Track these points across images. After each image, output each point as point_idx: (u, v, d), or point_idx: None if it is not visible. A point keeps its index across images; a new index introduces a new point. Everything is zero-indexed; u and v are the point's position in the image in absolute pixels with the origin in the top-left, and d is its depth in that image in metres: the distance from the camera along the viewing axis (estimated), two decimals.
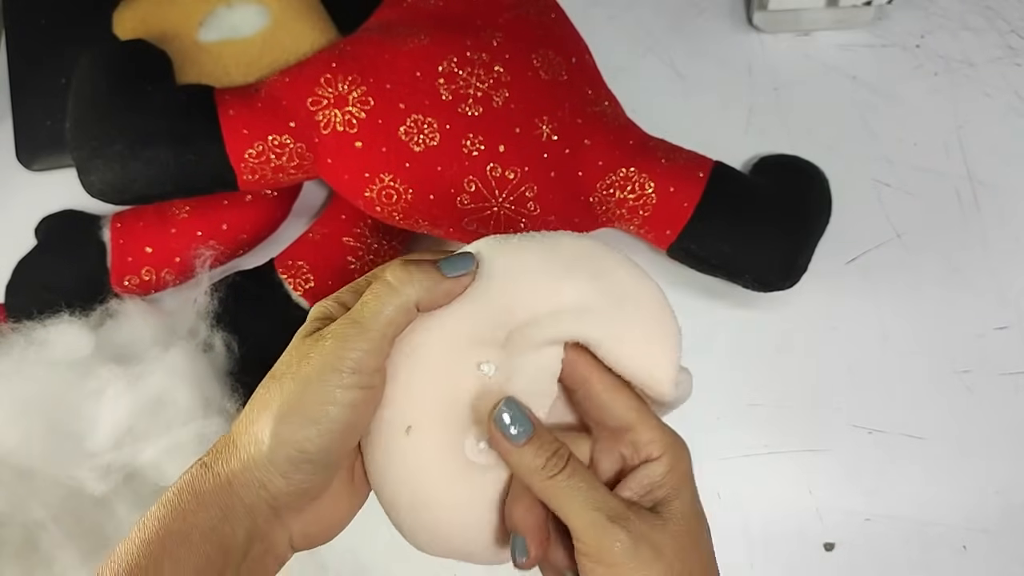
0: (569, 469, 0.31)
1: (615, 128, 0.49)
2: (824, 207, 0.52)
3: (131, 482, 0.46)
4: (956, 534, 0.49)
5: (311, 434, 0.29)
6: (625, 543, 0.30)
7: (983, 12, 0.61)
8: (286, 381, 0.30)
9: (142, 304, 0.50)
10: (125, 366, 0.46)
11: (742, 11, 0.61)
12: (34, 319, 0.48)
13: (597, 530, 0.30)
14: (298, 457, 0.29)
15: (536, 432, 0.31)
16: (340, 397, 0.29)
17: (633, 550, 0.30)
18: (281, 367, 0.31)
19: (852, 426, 0.52)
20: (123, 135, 0.45)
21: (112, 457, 0.45)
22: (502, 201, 0.46)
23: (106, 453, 0.45)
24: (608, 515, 0.30)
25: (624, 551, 0.30)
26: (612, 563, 0.30)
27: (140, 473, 0.45)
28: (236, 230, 0.51)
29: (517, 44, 0.47)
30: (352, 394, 0.29)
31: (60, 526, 0.44)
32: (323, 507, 0.32)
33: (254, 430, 0.29)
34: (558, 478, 0.31)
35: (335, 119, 0.46)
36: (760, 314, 0.54)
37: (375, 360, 0.30)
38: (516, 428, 0.31)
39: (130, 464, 0.45)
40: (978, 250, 0.55)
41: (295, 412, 0.29)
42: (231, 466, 0.29)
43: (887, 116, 0.58)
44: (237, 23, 0.53)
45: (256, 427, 0.29)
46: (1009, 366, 0.53)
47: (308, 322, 0.32)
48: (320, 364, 0.29)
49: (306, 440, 0.29)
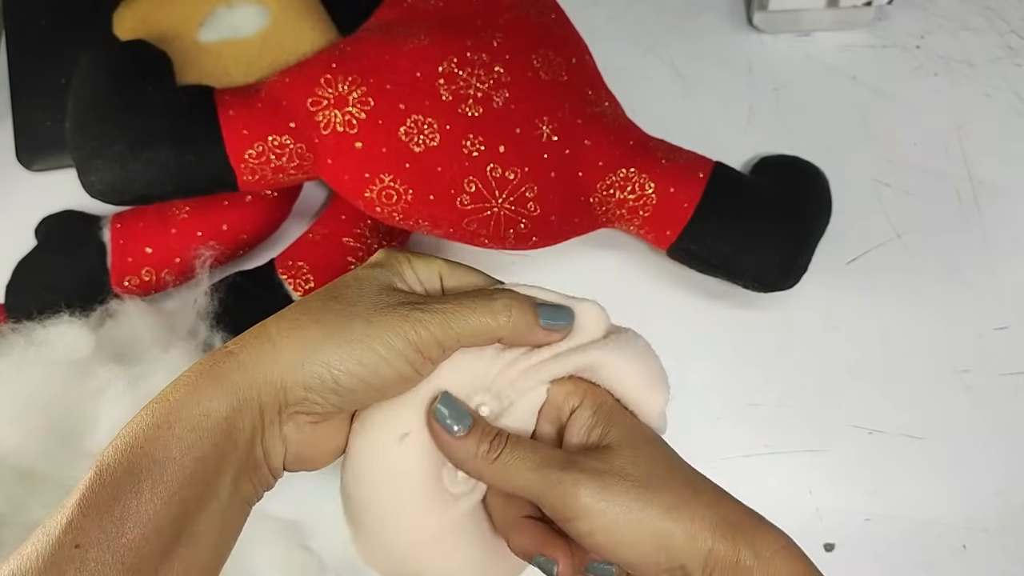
0: (510, 445, 0.32)
1: (615, 128, 0.49)
2: (824, 207, 0.52)
3: None
4: (956, 534, 0.49)
5: (353, 373, 0.29)
6: (587, 483, 0.30)
7: (983, 12, 0.61)
8: (357, 313, 0.30)
9: (142, 304, 0.50)
10: (125, 366, 0.46)
11: (742, 11, 0.61)
12: (34, 319, 0.48)
13: (554, 485, 0.30)
14: (330, 383, 0.29)
15: (475, 423, 0.32)
16: (396, 363, 0.30)
17: (599, 486, 0.30)
18: (352, 294, 0.31)
19: (852, 426, 0.52)
20: (123, 135, 0.45)
21: None
22: (502, 202, 0.46)
23: None
24: (558, 466, 0.30)
25: (590, 491, 0.30)
26: (586, 508, 0.30)
27: None
28: (236, 231, 0.51)
29: (517, 44, 0.47)
30: (406, 368, 0.30)
31: None
32: (321, 434, 0.32)
33: (301, 337, 0.29)
34: (502, 456, 0.31)
35: (335, 119, 0.46)
36: (760, 314, 0.54)
37: (441, 356, 0.32)
38: (457, 424, 0.32)
39: None
40: (978, 250, 0.55)
41: (351, 348, 0.29)
42: (262, 360, 0.29)
43: (887, 116, 0.58)
44: (237, 23, 0.53)
45: (305, 336, 0.29)
46: (1009, 366, 0.53)
47: (387, 262, 0.33)
48: (396, 325, 0.30)
49: (345, 375, 0.29)
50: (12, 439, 0.45)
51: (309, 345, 0.29)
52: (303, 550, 0.47)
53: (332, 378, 0.29)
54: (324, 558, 0.47)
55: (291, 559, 0.47)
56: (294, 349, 0.29)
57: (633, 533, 0.30)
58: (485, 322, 0.31)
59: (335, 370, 0.29)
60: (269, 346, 0.29)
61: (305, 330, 0.29)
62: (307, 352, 0.29)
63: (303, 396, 0.30)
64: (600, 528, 0.30)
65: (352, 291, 0.31)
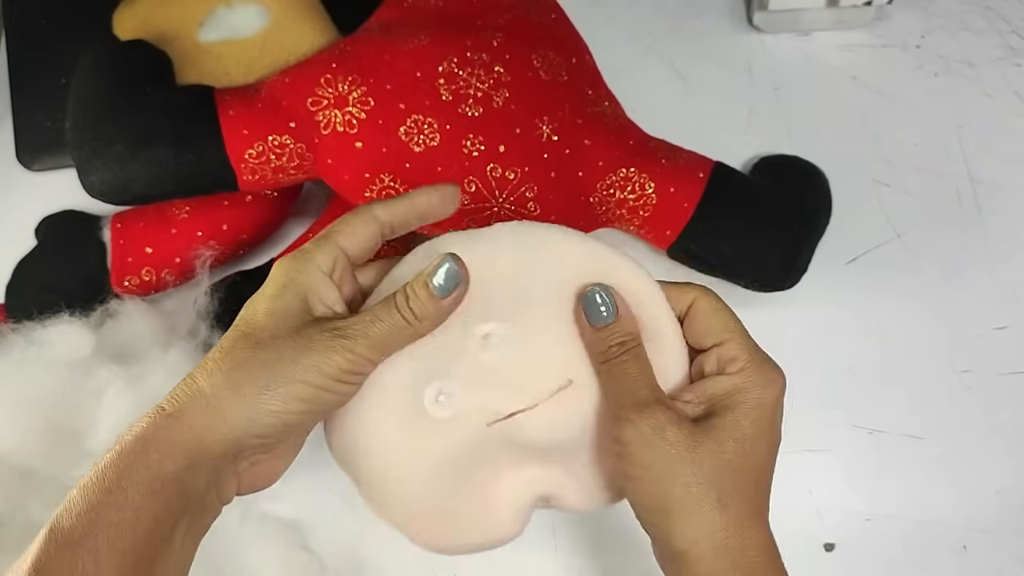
0: (627, 355, 0.33)
1: (615, 128, 0.49)
2: (824, 207, 0.52)
3: None
4: (956, 534, 0.49)
5: (298, 410, 0.31)
6: (639, 429, 0.31)
7: (983, 12, 0.61)
8: (284, 355, 0.30)
9: (142, 304, 0.50)
10: (125, 366, 0.46)
11: (742, 11, 0.61)
12: (34, 319, 0.48)
13: (620, 411, 0.32)
14: (279, 426, 0.31)
15: (619, 318, 0.33)
16: (335, 389, 0.31)
17: (641, 439, 0.31)
18: (270, 337, 0.31)
19: (852, 426, 0.52)
20: (123, 135, 0.45)
21: None
22: (502, 201, 0.46)
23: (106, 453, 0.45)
24: (635, 401, 0.32)
25: (633, 437, 0.31)
26: (624, 444, 0.32)
27: None
28: (236, 230, 0.51)
29: (517, 44, 0.47)
30: (346, 388, 0.32)
31: None
32: (272, 460, 0.33)
33: (240, 395, 0.30)
34: (614, 360, 0.33)
35: (335, 119, 0.46)
36: (760, 314, 0.54)
37: (373, 367, 0.33)
38: (605, 309, 0.33)
39: None
40: (978, 250, 0.55)
41: (289, 391, 0.30)
42: (208, 424, 0.30)
43: (887, 116, 0.58)
44: (237, 23, 0.53)
45: (244, 392, 0.30)
46: (1009, 366, 0.53)
47: (290, 282, 0.32)
48: (324, 358, 0.31)
49: (292, 414, 0.31)
50: (12, 439, 0.45)
51: (249, 401, 0.30)
52: (303, 550, 0.47)
53: (280, 421, 0.30)
54: (324, 558, 0.48)
55: (291, 559, 0.47)
56: (236, 407, 0.30)
57: (659, 501, 0.31)
58: (403, 326, 0.32)
59: (281, 415, 0.30)
60: (211, 408, 0.30)
61: (242, 387, 0.30)
62: (250, 406, 0.30)
63: (255, 443, 0.31)
64: (629, 469, 0.32)
65: (269, 332, 0.31)
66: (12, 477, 0.45)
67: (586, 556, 0.49)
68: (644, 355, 0.33)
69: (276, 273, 0.33)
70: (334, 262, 0.34)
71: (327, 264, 0.33)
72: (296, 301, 0.32)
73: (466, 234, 0.36)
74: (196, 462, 0.30)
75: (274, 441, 0.31)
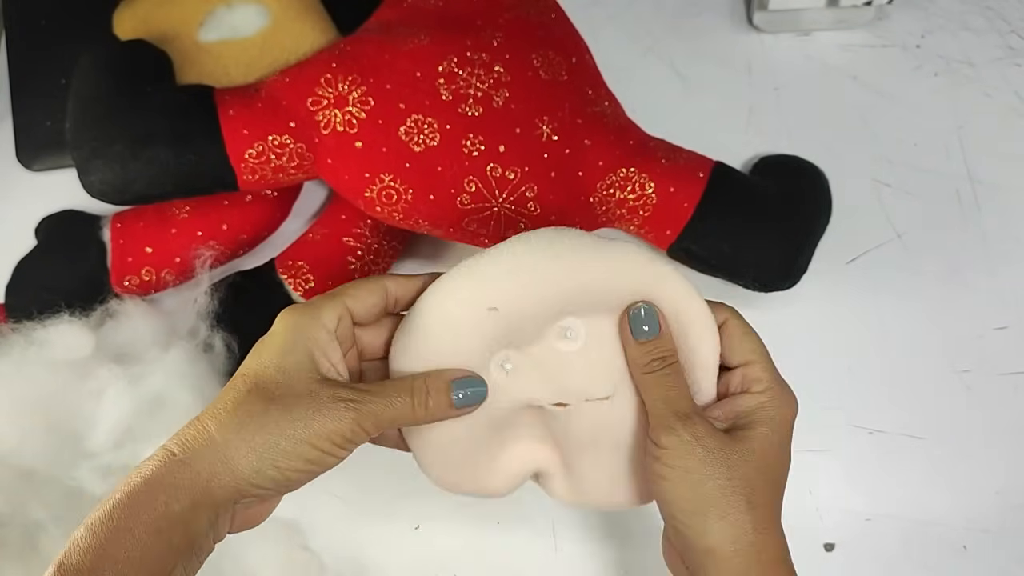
0: (668, 369, 0.36)
1: (615, 128, 0.49)
2: (824, 207, 0.52)
3: None
4: (956, 534, 0.49)
5: (301, 469, 0.33)
6: (680, 437, 0.34)
7: (983, 12, 0.61)
8: (297, 417, 0.32)
9: (142, 304, 0.50)
10: (125, 366, 0.46)
11: (742, 11, 0.61)
12: (34, 319, 0.48)
13: (661, 419, 0.35)
14: (281, 480, 0.32)
15: (661, 335, 0.36)
16: (337, 454, 0.33)
17: (683, 445, 0.34)
18: (284, 393, 0.33)
19: (852, 426, 0.52)
20: (123, 135, 0.45)
21: (112, 457, 0.45)
22: (502, 201, 0.46)
23: (106, 453, 0.45)
24: (676, 411, 0.35)
25: (674, 443, 0.34)
26: (663, 448, 0.35)
27: None
28: (236, 230, 0.51)
29: (517, 44, 0.47)
30: (345, 454, 0.34)
31: (60, 526, 0.44)
32: (264, 507, 0.35)
33: (250, 446, 0.32)
34: (655, 374, 0.36)
35: (335, 119, 0.46)
36: (760, 314, 0.53)
37: (369, 438, 0.34)
38: (648, 327, 0.36)
39: (130, 464, 0.45)
40: (978, 250, 0.55)
41: (296, 450, 0.32)
42: (216, 470, 0.32)
43: (887, 116, 0.58)
44: (237, 23, 0.53)
45: (253, 444, 0.32)
46: (1009, 366, 0.53)
47: (301, 340, 0.34)
48: (333, 425, 0.33)
49: (294, 472, 0.33)
50: (12, 439, 0.45)
51: (258, 455, 0.32)
52: (303, 550, 0.47)
53: (284, 477, 0.32)
54: (324, 558, 0.48)
55: (291, 559, 0.47)
56: (245, 459, 0.32)
57: (691, 504, 0.34)
58: (410, 415, 0.35)
59: (285, 471, 0.32)
60: (219, 457, 0.32)
61: (252, 440, 0.32)
62: (258, 460, 0.32)
63: (256, 491, 0.32)
64: (666, 471, 0.35)
65: (281, 390, 0.33)
66: (12, 477, 0.45)
67: (586, 556, 0.49)
68: (681, 371, 0.36)
69: (283, 327, 0.35)
70: (339, 320, 0.35)
71: (332, 322, 0.35)
72: (305, 358, 0.34)
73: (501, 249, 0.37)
74: (200, 506, 0.31)
75: (271, 491, 0.33)
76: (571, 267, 0.35)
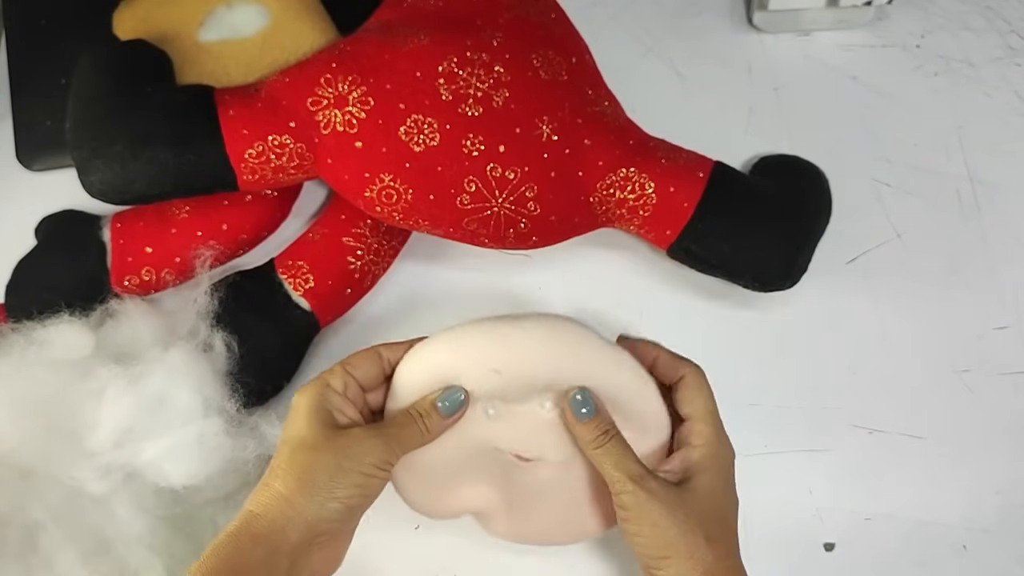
0: (612, 441, 0.41)
1: (615, 128, 0.49)
2: (824, 207, 0.52)
3: (131, 482, 0.45)
4: (956, 534, 0.49)
5: (357, 494, 0.39)
6: (638, 496, 0.39)
7: (983, 12, 0.61)
8: (340, 461, 0.39)
9: (142, 304, 0.50)
10: (125, 366, 0.46)
11: (742, 11, 0.61)
12: (34, 319, 0.48)
13: (619, 485, 0.40)
14: (344, 512, 0.39)
15: (599, 413, 0.42)
16: (378, 476, 0.40)
17: (644, 503, 0.39)
18: (323, 442, 0.39)
19: (852, 426, 0.52)
20: (123, 135, 0.45)
21: (112, 457, 0.45)
22: (502, 201, 0.46)
23: (106, 453, 0.45)
24: (629, 475, 0.40)
25: (635, 502, 0.40)
26: (627, 508, 0.40)
27: (140, 473, 0.45)
28: (236, 230, 0.51)
29: (517, 44, 0.47)
30: (384, 474, 0.40)
31: (60, 526, 0.44)
32: (335, 546, 0.41)
33: (313, 491, 0.38)
34: (603, 447, 0.41)
35: (335, 119, 0.46)
36: (760, 314, 0.54)
37: (396, 462, 0.41)
38: (586, 409, 0.42)
39: (130, 464, 0.45)
40: (978, 250, 0.55)
41: (347, 480, 0.39)
42: (284, 514, 0.38)
43: (887, 116, 0.58)
44: (237, 23, 0.53)
45: (315, 488, 0.38)
46: (1009, 366, 0.53)
47: (321, 408, 0.41)
48: (365, 455, 0.39)
49: (354, 498, 0.39)
50: (12, 439, 0.45)
51: (318, 493, 0.38)
52: None
53: (344, 506, 0.39)
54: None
55: None
56: (308, 500, 0.38)
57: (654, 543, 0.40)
58: (417, 435, 0.42)
59: (344, 500, 0.39)
60: (288, 505, 0.38)
61: (311, 484, 0.38)
62: (319, 497, 0.38)
63: (324, 526, 0.38)
64: (634, 527, 0.40)
65: (320, 440, 0.39)
66: (12, 477, 0.45)
67: (585, 556, 0.49)
68: (623, 439, 0.42)
69: (301, 400, 0.41)
70: (345, 385, 0.42)
71: (340, 386, 0.42)
72: (327, 416, 0.40)
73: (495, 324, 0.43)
74: (278, 551, 0.37)
75: (339, 525, 0.39)
76: (560, 360, 0.42)
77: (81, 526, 0.45)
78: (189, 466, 0.45)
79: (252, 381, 0.48)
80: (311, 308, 0.50)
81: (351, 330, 0.53)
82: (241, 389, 0.48)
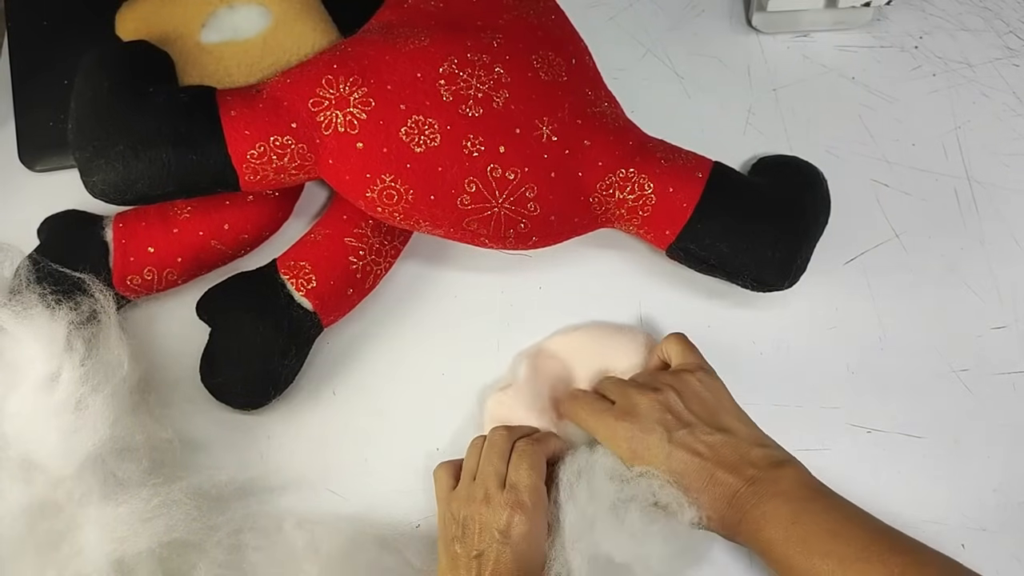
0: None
1: (615, 129, 0.49)
2: (823, 207, 0.52)
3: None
4: (955, 533, 0.50)
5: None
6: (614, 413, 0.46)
7: (981, 13, 0.62)
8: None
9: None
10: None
11: (741, 12, 0.62)
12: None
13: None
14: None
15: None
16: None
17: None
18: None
19: (851, 425, 0.52)
20: (125, 136, 0.45)
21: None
22: (502, 201, 0.47)
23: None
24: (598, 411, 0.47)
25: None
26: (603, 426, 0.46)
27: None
28: (238, 230, 0.52)
29: (517, 45, 0.48)
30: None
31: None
32: None
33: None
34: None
35: (336, 120, 0.46)
36: (760, 314, 0.54)
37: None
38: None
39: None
40: (976, 250, 0.55)
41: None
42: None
43: (885, 116, 0.59)
44: (239, 24, 0.53)
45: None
46: (1007, 365, 0.53)
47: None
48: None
49: None
50: None
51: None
52: (303, 549, 0.47)
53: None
54: (324, 558, 0.48)
55: (292, 559, 0.47)
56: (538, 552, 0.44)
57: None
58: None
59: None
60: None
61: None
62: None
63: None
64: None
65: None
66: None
67: None
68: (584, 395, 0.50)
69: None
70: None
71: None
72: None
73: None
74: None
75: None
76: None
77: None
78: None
79: (255, 381, 0.49)
80: (313, 308, 0.50)
81: (354, 330, 0.53)
82: (243, 389, 0.48)
